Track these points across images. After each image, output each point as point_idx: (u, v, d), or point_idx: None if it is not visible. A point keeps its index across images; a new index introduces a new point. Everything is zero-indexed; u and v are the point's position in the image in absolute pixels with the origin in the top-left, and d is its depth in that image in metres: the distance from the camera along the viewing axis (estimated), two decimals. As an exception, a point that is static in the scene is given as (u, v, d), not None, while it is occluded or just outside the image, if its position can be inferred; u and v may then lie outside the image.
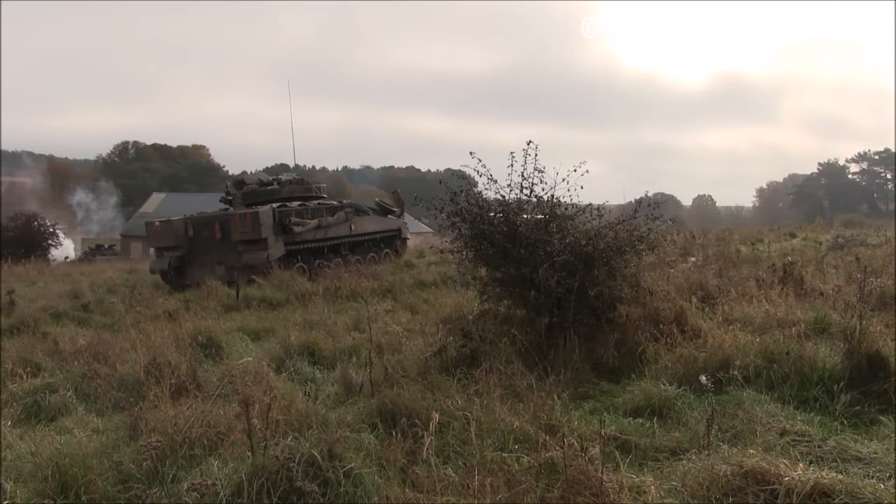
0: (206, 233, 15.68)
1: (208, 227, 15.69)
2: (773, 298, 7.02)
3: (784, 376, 4.86)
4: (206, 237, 15.71)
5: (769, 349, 5.18)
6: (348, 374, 5.47)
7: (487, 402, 4.38)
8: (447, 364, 5.60)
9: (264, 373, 5.56)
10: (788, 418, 4.19)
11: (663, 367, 5.29)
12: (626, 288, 6.19)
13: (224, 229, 15.34)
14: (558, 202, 6.44)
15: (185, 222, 16.11)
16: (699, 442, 3.85)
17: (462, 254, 6.74)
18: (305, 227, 15.80)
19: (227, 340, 7.48)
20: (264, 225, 14.92)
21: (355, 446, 3.87)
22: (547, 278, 5.86)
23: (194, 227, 15.96)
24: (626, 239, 6.25)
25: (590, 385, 5.36)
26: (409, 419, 4.16)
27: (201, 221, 16.07)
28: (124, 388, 5.59)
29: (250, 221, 14.92)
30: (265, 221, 14.98)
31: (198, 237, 15.87)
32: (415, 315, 8.98)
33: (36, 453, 4.03)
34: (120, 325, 9.31)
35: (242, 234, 15.00)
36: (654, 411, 4.53)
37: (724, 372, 4.92)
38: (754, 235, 22.40)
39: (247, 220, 14.98)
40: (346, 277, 12.59)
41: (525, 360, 5.51)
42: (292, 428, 4.14)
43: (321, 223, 16.40)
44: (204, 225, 15.88)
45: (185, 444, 4.06)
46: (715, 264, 10.23)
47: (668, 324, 5.99)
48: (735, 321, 6.29)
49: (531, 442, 3.86)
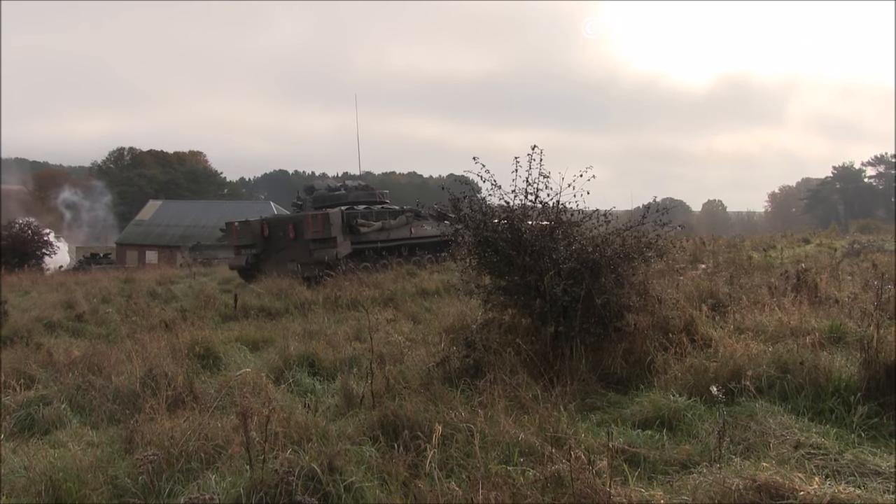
0: (281, 232, 17.59)
1: (282, 228, 17.66)
2: (786, 306, 6.99)
3: (798, 387, 4.84)
4: (280, 236, 17.61)
5: (782, 359, 5.16)
6: (349, 385, 5.47)
7: (492, 414, 4.38)
8: (450, 375, 5.60)
9: (263, 384, 5.57)
10: (803, 430, 4.17)
11: (673, 377, 5.28)
12: (635, 296, 6.18)
13: (297, 229, 17.18)
14: (564, 208, 6.45)
15: (261, 223, 18.10)
16: (710, 455, 3.84)
17: (465, 261, 6.74)
18: (370, 228, 17.45)
19: (224, 351, 7.49)
20: (334, 225, 16.59)
21: (356, 459, 3.87)
22: (552, 286, 5.86)
23: (270, 227, 17.91)
24: (634, 245, 6.24)
25: (597, 396, 5.35)
26: (412, 431, 4.16)
27: (276, 222, 18.33)
28: (120, 401, 5.60)
29: (321, 222, 16.62)
30: (335, 222, 16.66)
31: (273, 236, 17.76)
32: (417, 324, 8.98)
33: (29, 467, 4.04)
34: (115, 336, 9.33)
35: (314, 233, 16.67)
36: (664, 423, 4.51)
37: (735, 382, 4.90)
38: (766, 241, 22.35)
39: (318, 220, 16.69)
40: (346, 286, 12.61)
41: (530, 370, 5.50)
42: (292, 441, 4.15)
43: (384, 225, 18.03)
44: (278, 225, 17.94)
45: (181, 457, 4.07)
46: (726, 271, 10.21)
47: (677, 333, 5.97)
48: (747, 330, 6.27)
49: (537, 455, 3.85)
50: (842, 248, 18.33)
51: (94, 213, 58.63)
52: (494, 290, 6.56)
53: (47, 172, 77.06)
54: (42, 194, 60.47)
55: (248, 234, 17.87)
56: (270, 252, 17.75)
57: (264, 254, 17.84)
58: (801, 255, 15.80)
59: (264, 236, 17.81)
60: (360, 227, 17.14)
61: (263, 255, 17.84)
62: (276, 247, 17.68)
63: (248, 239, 17.91)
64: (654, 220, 6.69)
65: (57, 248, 31.91)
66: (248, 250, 17.99)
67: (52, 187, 63.70)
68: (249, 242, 17.91)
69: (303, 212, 18.86)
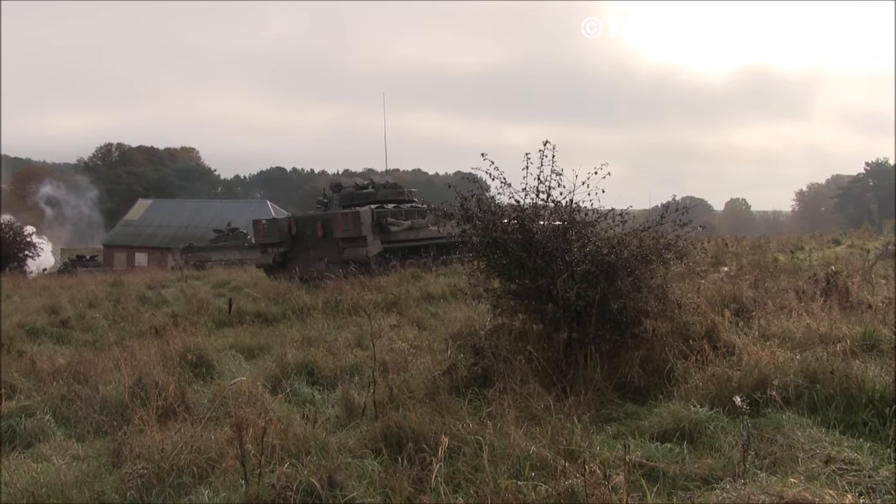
0: (309, 231, 18.30)
1: (311, 226, 18.33)
2: (815, 312, 6.96)
3: (828, 398, 4.82)
4: (308, 235, 18.31)
5: (811, 368, 5.14)
6: (350, 395, 5.48)
7: (501, 426, 4.38)
8: (457, 384, 5.60)
9: (259, 394, 5.58)
10: (834, 444, 4.14)
11: (693, 386, 5.26)
12: (653, 300, 6.16)
13: (325, 228, 17.86)
14: (578, 207, 6.44)
15: (289, 221, 19.03)
16: (734, 470, 3.82)
17: (473, 264, 6.74)
18: (400, 227, 18.14)
19: (218, 359, 7.52)
20: (364, 224, 17.18)
21: (357, 474, 3.88)
22: (566, 290, 5.85)
23: (298, 225, 18.68)
24: (652, 247, 6.23)
25: (613, 407, 5.34)
26: (416, 444, 4.17)
27: (304, 220, 18.94)
28: (107, 411, 5.62)
29: (351, 220, 17.24)
30: (365, 220, 17.24)
31: (301, 235, 18.50)
32: (422, 331, 8.99)
33: (10, 483, 4.06)
34: (102, 343, 9.36)
35: (343, 231, 17.34)
36: (684, 435, 4.50)
37: (760, 392, 4.88)
38: (794, 243, 22.26)
39: (348, 219, 17.33)
40: (347, 290, 12.63)
41: (542, 379, 5.50)
42: (289, 454, 4.16)
43: (413, 224, 18.71)
44: (307, 223, 18.58)
45: (172, 471, 4.08)
46: (750, 274, 10.18)
47: (698, 339, 5.96)
48: (773, 337, 6.24)
49: (549, 469, 3.85)
50: (875, 249, 18.21)
51: (78, 211, 58.61)
52: (504, 294, 6.56)
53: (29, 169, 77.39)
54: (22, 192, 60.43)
55: (276, 232, 18.55)
56: (298, 251, 18.48)
57: (291, 252, 18.52)
58: (831, 257, 15.71)
59: (292, 234, 18.53)
60: (390, 227, 17.78)
61: (291, 253, 18.51)
62: (303, 245, 18.42)
63: (275, 237, 18.59)
64: (674, 219, 6.68)
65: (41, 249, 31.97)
66: (275, 248, 18.69)
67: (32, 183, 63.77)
68: (277, 241, 18.59)
69: (330, 210, 19.52)
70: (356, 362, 6.97)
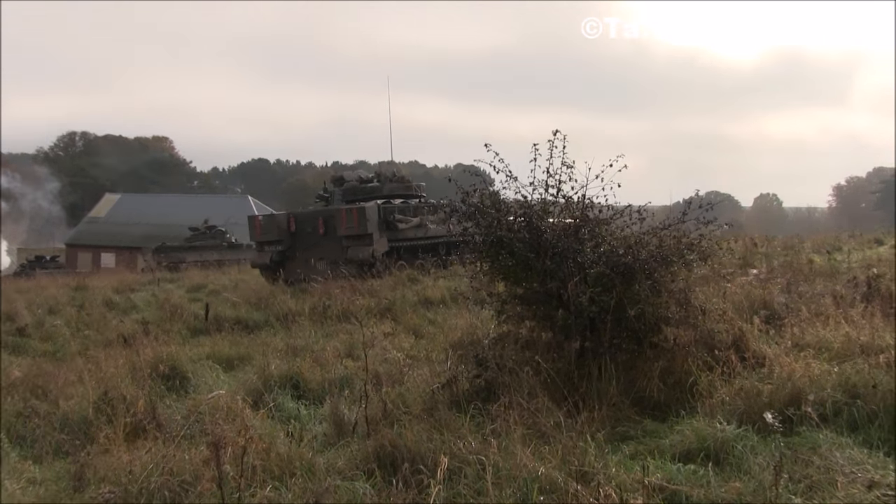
0: (309, 228, 18.42)
1: (311, 223, 18.43)
2: (854, 319, 6.96)
3: (871, 415, 4.81)
4: (308, 232, 18.43)
5: (851, 381, 5.15)
6: (339, 410, 5.49)
7: (506, 444, 4.38)
8: (458, 398, 5.60)
9: (239, 409, 5.58)
10: (878, 467, 4.14)
11: (719, 401, 5.27)
12: (674, 306, 6.17)
13: (327, 225, 17.91)
14: (591, 203, 6.45)
15: (287, 217, 19.06)
16: (765, 494, 3.82)
17: (476, 266, 6.74)
18: (408, 225, 18.31)
19: (193, 370, 7.52)
20: (370, 221, 17.26)
21: (347, 498, 3.88)
22: (577, 295, 5.86)
23: (297, 222, 18.74)
24: (674, 247, 6.24)
25: (630, 423, 5.35)
26: (413, 464, 4.18)
27: (304, 217, 19.05)
28: (68, 429, 5.62)
29: (356, 217, 17.26)
30: (371, 217, 17.32)
31: (300, 232, 18.61)
32: (419, 339, 9.00)
33: (-39, 508, 4.05)
34: (64, 353, 9.37)
35: (347, 229, 17.35)
36: (709, 456, 4.50)
37: (794, 409, 4.89)
38: (831, 242, 22.22)
39: (353, 215, 17.35)
40: (336, 294, 12.63)
41: (552, 393, 5.50)
42: (272, 475, 4.15)
43: (422, 221, 18.83)
44: (307, 220, 18.69)
45: (141, 495, 4.08)
46: (782, 277, 10.17)
47: (724, 349, 5.96)
48: (807, 346, 6.25)
49: (559, 492, 3.85)
50: (921, 250, 18.22)
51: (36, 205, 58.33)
52: (509, 299, 6.56)
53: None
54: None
55: (273, 230, 18.70)
56: (297, 249, 18.61)
57: (290, 251, 18.65)
58: (873, 259, 15.70)
59: (291, 232, 18.63)
60: (398, 224, 17.91)
61: (289, 252, 18.63)
62: (303, 244, 18.53)
63: (272, 234, 18.71)
64: (697, 217, 6.68)
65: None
66: (273, 247, 18.78)
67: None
68: (274, 238, 18.70)
69: (331, 205, 19.69)
70: (346, 374, 6.98)
